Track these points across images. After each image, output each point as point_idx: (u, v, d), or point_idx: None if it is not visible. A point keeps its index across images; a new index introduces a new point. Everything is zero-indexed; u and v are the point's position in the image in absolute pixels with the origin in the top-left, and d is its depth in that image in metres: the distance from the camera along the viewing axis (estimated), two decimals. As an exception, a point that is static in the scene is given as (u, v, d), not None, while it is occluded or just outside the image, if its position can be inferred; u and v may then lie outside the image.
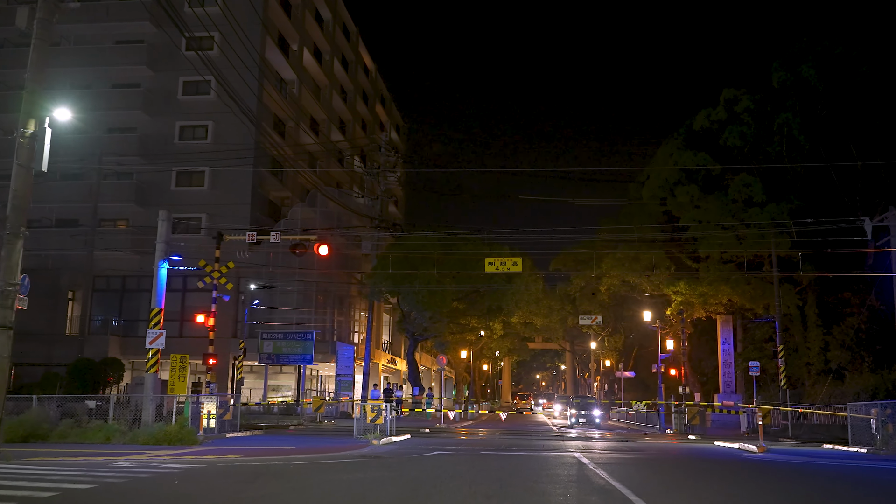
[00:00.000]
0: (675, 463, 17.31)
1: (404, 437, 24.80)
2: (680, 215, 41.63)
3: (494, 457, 17.51)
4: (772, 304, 38.53)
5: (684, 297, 39.17)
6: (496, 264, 25.69)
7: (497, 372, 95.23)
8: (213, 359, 24.47)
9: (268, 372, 45.90)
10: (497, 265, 25.63)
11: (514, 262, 25.46)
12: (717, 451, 21.72)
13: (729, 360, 40.44)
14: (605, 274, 42.76)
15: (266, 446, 19.76)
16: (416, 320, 41.39)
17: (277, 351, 44.38)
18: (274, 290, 46.88)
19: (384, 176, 45.16)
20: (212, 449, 18.43)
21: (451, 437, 27.42)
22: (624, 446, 23.18)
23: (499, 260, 25.62)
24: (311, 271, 45.43)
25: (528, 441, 25.13)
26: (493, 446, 21.49)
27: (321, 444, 21.23)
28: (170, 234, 23.90)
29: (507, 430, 32.89)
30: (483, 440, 25.29)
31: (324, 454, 17.53)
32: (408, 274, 39.61)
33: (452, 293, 39.42)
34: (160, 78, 48.83)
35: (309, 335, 44.28)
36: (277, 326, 46.15)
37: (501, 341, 60.86)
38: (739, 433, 34.65)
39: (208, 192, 47.78)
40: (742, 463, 17.58)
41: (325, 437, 25.26)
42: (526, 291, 41.22)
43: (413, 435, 26.65)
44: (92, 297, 47.37)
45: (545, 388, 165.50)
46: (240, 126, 45.42)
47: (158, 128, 48.25)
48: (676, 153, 42.92)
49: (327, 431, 29.39)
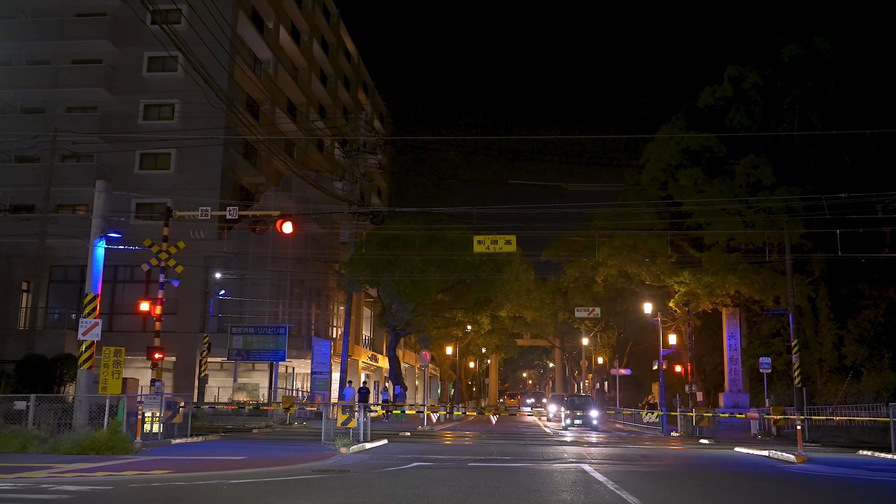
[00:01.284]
0: (709, 478, 14.20)
1: (380, 442, 21.64)
2: (682, 201, 38.59)
3: (486, 471, 14.38)
4: (783, 295, 35.55)
5: (688, 287, 36.12)
6: (486, 243, 22.55)
7: (484, 370, 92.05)
8: (159, 353, 21.20)
9: (237, 369, 42.60)
10: (488, 244, 22.49)
11: (507, 241, 22.31)
12: (746, 461, 18.64)
13: (736, 357, 37.43)
14: (602, 263, 39.65)
15: (212, 456, 16.56)
16: (398, 313, 38.19)
17: (248, 346, 41.15)
18: (245, 282, 43.58)
19: (364, 158, 41.95)
20: (143, 461, 15.21)
21: (434, 442, 24.26)
22: (634, 454, 20.09)
23: (489, 238, 22.46)
24: (285, 258, 42.19)
25: (521, 447, 22.01)
26: (482, 455, 18.34)
27: (281, 452, 18.04)
28: (108, 209, 20.66)
29: (496, 433, 29.76)
30: (471, 446, 22.16)
31: (278, 467, 14.35)
32: (389, 262, 36.46)
33: (437, 283, 36.27)
34: (124, 53, 45.46)
35: (282, 329, 41.08)
36: (248, 320, 42.88)
37: (489, 337, 57.70)
38: (750, 436, 31.73)
39: (175, 175, 44.47)
40: (788, 478, 14.51)
41: (290, 442, 22.07)
42: (516, 282, 38.06)
43: (391, 440, 23.49)
44: (49, 288, 43.95)
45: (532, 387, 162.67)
46: (209, 106, 42.36)
47: (121, 106, 44.92)
48: (678, 134, 39.89)
49: (296, 435, 26.18)
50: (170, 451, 17.68)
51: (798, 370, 32.02)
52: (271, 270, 42.63)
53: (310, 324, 46.79)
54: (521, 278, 38.38)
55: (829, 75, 37.05)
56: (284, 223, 21.61)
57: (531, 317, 51.61)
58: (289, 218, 21.61)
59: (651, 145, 42.46)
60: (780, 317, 40.42)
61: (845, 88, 37.21)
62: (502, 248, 22.36)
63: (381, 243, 37.80)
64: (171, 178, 44.40)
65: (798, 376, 31.97)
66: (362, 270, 36.54)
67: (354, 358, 50.63)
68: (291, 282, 44.50)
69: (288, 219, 21.58)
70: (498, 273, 36.43)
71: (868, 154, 37.45)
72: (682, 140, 38.77)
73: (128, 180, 43.43)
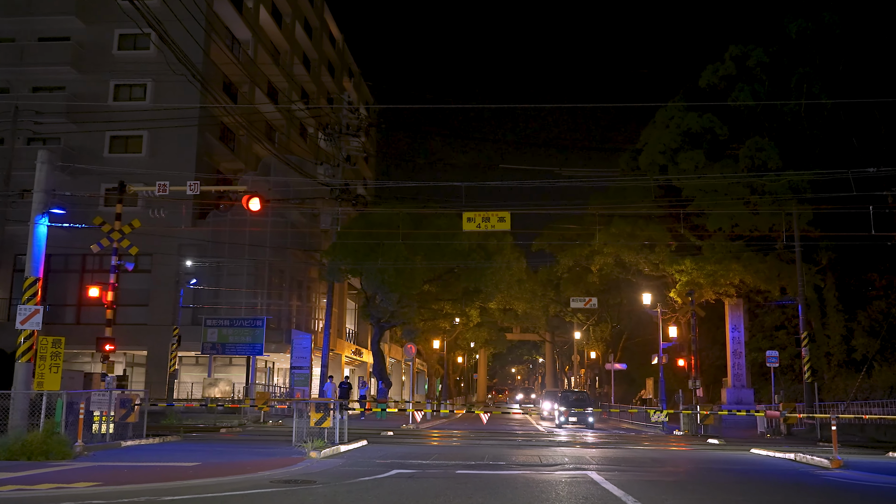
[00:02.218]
0: (742, 491, 12.06)
1: (358, 444, 19.44)
2: (682, 186, 36.52)
3: (477, 481, 12.21)
4: (790, 285, 33.57)
5: (690, 276, 34.03)
6: (477, 220, 20.28)
7: (472, 365, 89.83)
8: (110, 344, 18.92)
9: (214, 364, 40.30)
10: (479, 221, 20.23)
11: (500, 219, 20.06)
12: (774, 467, 16.51)
13: (739, 350, 35.38)
14: (598, 251, 37.49)
15: (161, 462, 14.34)
16: (382, 304, 35.95)
17: (223, 340, 38.84)
18: (221, 271, 41.25)
19: (346, 141, 39.65)
20: (75, 468, 12.99)
21: (418, 442, 22.09)
22: (643, 457, 17.96)
23: (480, 215, 20.17)
24: (263, 246, 39.90)
25: (515, 449, 19.86)
26: (472, 460, 16.18)
27: (242, 456, 15.83)
28: (52, 183, 18.42)
29: (486, 433, 27.58)
30: (459, 448, 20.00)
31: (231, 477, 12.14)
32: (372, 249, 34.26)
33: (423, 272, 34.03)
34: (93, 30, 43.05)
35: (259, 321, 38.78)
36: (225, 312, 40.58)
37: (478, 331, 55.52)
38: (757, 434, 29.72)
39: (147, 159, 42.11)
40: (837, 491, 12.39)
41: (259, 444, 19.86)
42: (507, 271, 35.82)
43: (372, 440, 21.31)
44: (12, 277, 41.56)
45: (521, 383, 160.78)
46: (184, 86, 39.56)
47: (90, 86, 42.53)
48: (678, 116, 37.81)
49: (268, 435, 23.97)
50: (114, 457, 15.44)
51: (808, 364, 30.02)
52: (249, 259, 40.33)
53: (290, 316, 44.49)
54: (512, 267, 36.17)
55: (837, 52, 35.02)
56: (251, 199, 19.43)
57: (522, 309, 49.39)
58: (256, 194, 19.41)
59: (648, 129, 40.38)
60: (784, 308, 38.46)
61: (855, 66, 35.18)
62: (495, 226, 20.14)
63: (364, 230, 35.57)
64: (144, 161, 42.04)
65: (808, 371, 29.97)
66: (344, 258, 34.29)
67: (337, 352, 48.38)
68: (271, 271, 42.20)
69: (255, 195, 19.38)
70: (488, 261, 34.21)
71: (877, 137, 35.49)
72: (683, 121, 36.71)
73: (97, 164, 41.05)
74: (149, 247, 41.62)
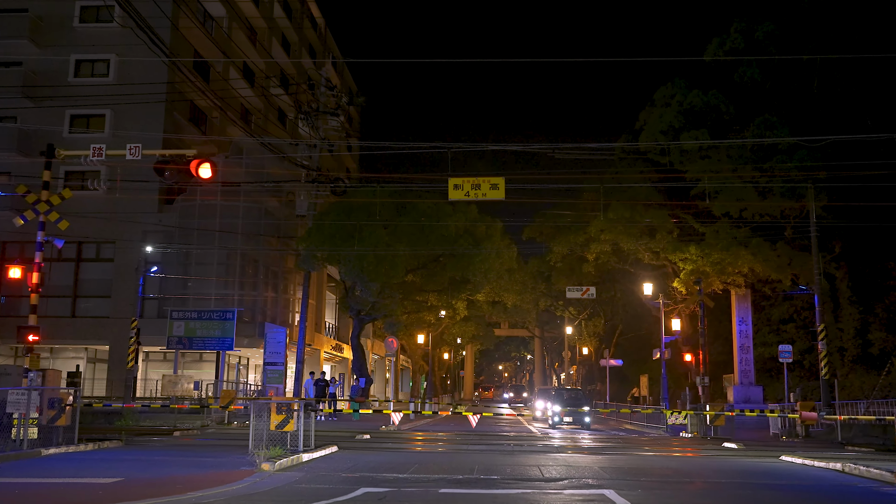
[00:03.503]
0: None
1: (325, 451, 16.70)
2: (685, 168, 33.94)
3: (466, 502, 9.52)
4: (802, 274, 31.01)
5: (695, 265, 31.42)
6: (466, 188, 17.38)
7: (459, 361, 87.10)
8: (34, 334, 16.11)
9: (182, 359, 37.43)
10: (467, 189, 17.34)
11: (492, 185, 17.20)
12: (819, 480, 13.86)
13: (747, 345, 32.81)
14: (595, 239, 34.82)
15: (74, 478, 11.60)
16: (362, 295, 33.18)
17: (190, 334, 36.00)
18: (189, 260, 38.40)
19: (324, 120, 36.89)
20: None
21: (397, 448, 19.38)
22: (661, 466, 15.30)
23: (469, 182, 17.27)
24: (235, 232, 37.08)
25: (509, 457, 17.18)
26: (460, 472, 13.51)
27: (180, 469, 13.10)
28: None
29: (474, 435, 24.85)
30: (444, 456, 17.32)
31: (150, 500, 9.41)
32: (350, 235, 31.52)
33: (406, 259, 31.28)
34: (52, 2, 40.02)
35: (229, 314, 35.94)
36: (193, 304, 37.72)
37: (465, 325, 52.82)
38: (770, 436, 27.15)
39: (110, 139, 39.03)
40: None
41: (210, 451, 17.11)
42: (497, 259, 33.06)
43: (344, 445, 18.58)
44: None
45: (508, 380, 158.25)
46: (151, 62, 37.31)
47: (49, 62, 39.55)
48: (680, 94, 35.21)
49: (227, 439, 21.20)
50: (21, 470, 12.66)
51: (826, 359, 27.47)
52: (220, 248, 37.49)
53: (264, 309, 41.68)
54: (502, 255, 33.45)
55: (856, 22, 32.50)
56: (201, 165, 16.73)
57: (512, 301, 46.69)
58: (206, 159, 16.69)
59: (647, 111, 37.75)
60: (793, 300, 35.96)
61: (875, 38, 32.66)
62: (486, 194, 17.34)
63: (343, 215, 32.83)
64: (106, 141, 38.92)
65: (825, 367, 27.43)
66: (320, 245, 31.51)
67: (315, 347, 45.62)
68: (243, 261, 39.37)
69: (206, 160, 16.67)
70: (476, 248, 31.49)
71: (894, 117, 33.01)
72: (686, 99, 34.12)
73: (56, 144, 38.00)
74: (111, 234, 38.86)
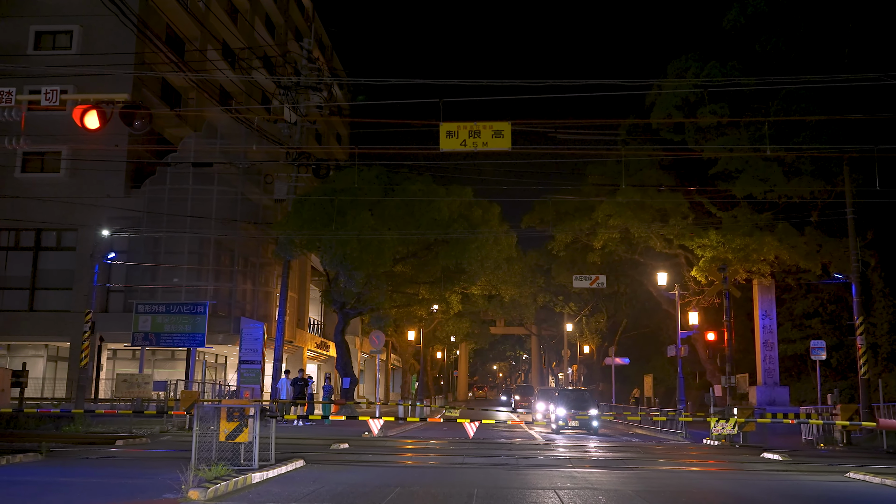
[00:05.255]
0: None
1: (290, 466, 13.52)
2: (702, 147, 30.83)
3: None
4: (835, 262, 27.94)
5: (715, 252, 28.31)
6: (461, 135, 13.47)
7: (452, 361, 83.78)
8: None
9: (144, 358, 34.18)
10: (464, 137, 13.60)
11: (495, 132, 13.64)
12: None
13: (771, 341, 29.72)
14: (602, 225, 31.66)
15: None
16: (346, 286, 30.00)
17: (157, 329, 32.89)
18: (158, 249, 35.19)
19: (306, 95, 33.75)
20: None
21: (379, 462, 16.21)
22: (713, 490, 12.14)
23: (467, 127, 13.60)
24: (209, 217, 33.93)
25: (516, 474, 14.05)
26: (454, 500, 10.32)
27: (85, 498, 9.91)
28: None
29: (471, 443, 21.63)
30: (433, 472, 14.17)
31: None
32: (333, 220, 28.33)
33: (394, 245, 28.06)
34: (11, -32, 36.93)
35: (201, 307, 32.86)
36: (162, 296, 34.53)
37: (459, 322, 49.65)
38: (803, 442, 24.06)
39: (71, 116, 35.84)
40: None
41: (145, 468, 13.93)
42: (495, 245, 29.83)
43: (314, 458, 15.40)
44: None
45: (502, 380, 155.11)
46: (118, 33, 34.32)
47: (7, 34, 36.48)
48: (695, 66, 32.10)
49: (180, 450, 17.93)
50: None
51: (865, 356, 24.37)
52: (191, 233, 34.28)
53: (243, 303, 38.45)
54: (500, 241, 30.25)
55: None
56: (87, 113, 13.92)
57: (510, 295, 43.50)
58: (94, 106, 13.85)
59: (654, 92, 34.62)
60: (818, 293, 32.88)
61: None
62: (488, 143, 13.83)
63: (325, 199, 29.65)
64: (67, 120, 35.71)
65: (865, 365, 24.32)
66: (299, 229, 28.32)
67: (298, 345, 42.44)
68: (218, 249, 36.17)
69: (92, 107, 13.84)
70: (472, 232, 28.31)
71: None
72: (703, 71, 30.97)
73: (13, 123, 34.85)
74: (73, 220, 35.70)
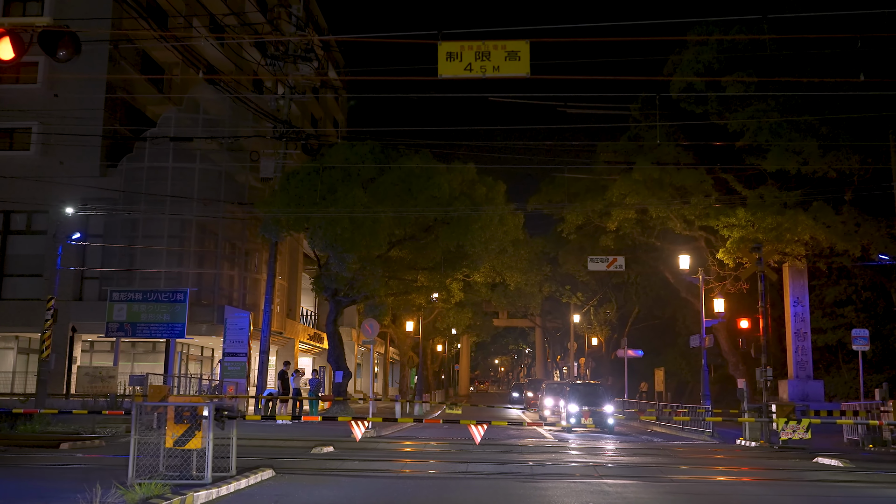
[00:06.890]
0: None
1: (252, 478, 10.90)
2: (726, 120, 28.23)
3: None
4: (876, 243, 25.32)
5: (744, 232, 25.68)
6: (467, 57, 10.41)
7: (454, 354, 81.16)
8: None
9: (119, 349, 31.53)
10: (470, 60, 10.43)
11: (509, 54, 10.65)
12: None
13: (804, 331, 27.11)
14: (617, 204, 29.03)
15: None
16: (337, 271, 27.41)
17: (133, 318, 30.32)
18: (135, 232, 32.60)
19: (295, 66, 31.16)
20: None
21: (366, 471, 13.60)
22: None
23: (473, 48, 10.60)
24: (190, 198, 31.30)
25: (532, 488, 11.50)
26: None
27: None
28: None
29: (475, 448, 18.96)
30: (433, 488, 11.62)
31: None
32: (322, 197, 25.74)
33: (389, 225, 25.38)
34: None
35: (180, 295, 30.26)
36: (140, 283, 31.93)
37: (460, 313, 47.03)
38: (845, 442, 21.49)
39: (42, 91, 33.44)
40: None
41: (80, 479, 11.29)
42: (501, 226, 27.13)
43: (286, 466, 12.81)
44: None
45: (504, 374, 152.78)
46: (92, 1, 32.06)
47: (-28, 1, 33.74)
48: (719, 32, 29.47)
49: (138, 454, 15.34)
50: None
51: (916, 347, 21.77)
52: (171, 216, 31.69)
53: (230, 291, 35.84)
54: (506, 222, 27.55)
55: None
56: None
57: (516, 282, 40.83)
58: (6, 32, 11.11)
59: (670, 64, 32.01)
60: (853, 279, 30.24)
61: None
62: (500, 67, 10.67)
63: (314, 175, 27.04)
64: (39, 95, 33.27)
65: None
66: (285, 207, 25.73)
67: (288, 336, 39.84)
68: (201, 233, 33.54)
69: (5, 33, 11.10)
70: (475, 210, 25.65)
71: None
72: (728, 35, 28.35)
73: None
74: (45, 201, 33.13)
